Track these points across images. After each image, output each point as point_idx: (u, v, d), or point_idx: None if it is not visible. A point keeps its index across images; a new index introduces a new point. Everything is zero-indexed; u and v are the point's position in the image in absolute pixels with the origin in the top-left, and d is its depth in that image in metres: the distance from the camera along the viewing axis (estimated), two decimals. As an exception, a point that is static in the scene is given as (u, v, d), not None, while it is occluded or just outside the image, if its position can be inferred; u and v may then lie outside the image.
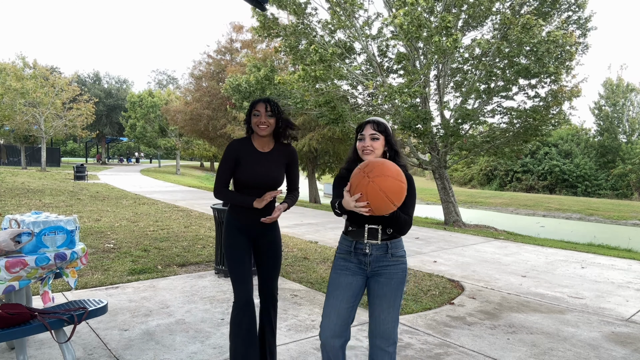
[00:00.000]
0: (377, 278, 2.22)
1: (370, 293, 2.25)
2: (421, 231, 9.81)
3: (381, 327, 2.19)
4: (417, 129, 10.98)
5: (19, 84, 26.43)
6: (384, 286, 2.20)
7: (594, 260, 7.22)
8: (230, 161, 2.71)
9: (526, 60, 10.19)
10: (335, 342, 2.18)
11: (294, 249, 7.03)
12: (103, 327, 3.58)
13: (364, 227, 2.19)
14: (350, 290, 2.21)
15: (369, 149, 2.18)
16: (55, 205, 11.33)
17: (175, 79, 58.93)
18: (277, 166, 2.72)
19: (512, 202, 25.51)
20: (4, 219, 2.92)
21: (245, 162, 2.68)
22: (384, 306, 2.20)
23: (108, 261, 5.67)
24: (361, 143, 2.20)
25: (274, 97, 12.16)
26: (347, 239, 2.27)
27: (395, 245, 2.25)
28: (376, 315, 2.21)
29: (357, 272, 2.23)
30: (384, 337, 2.19)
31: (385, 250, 2.21)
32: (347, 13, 10.55)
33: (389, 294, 2.20)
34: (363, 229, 2.20)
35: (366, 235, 2.19)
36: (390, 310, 2.20)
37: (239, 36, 25.01)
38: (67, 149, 76.00)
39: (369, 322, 2.26)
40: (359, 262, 2.23)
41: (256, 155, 2.71)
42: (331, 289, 2.24)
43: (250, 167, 2.67)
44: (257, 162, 2.69)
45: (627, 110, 36.61)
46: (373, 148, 2.18)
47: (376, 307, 2.21)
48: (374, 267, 2.22)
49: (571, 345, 3.60)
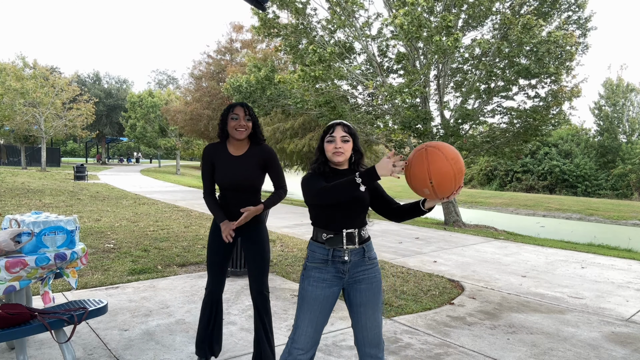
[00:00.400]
0: (357, 286, 2.17)
1: (351, 302, 2.19)
2: (421, 231, 9.81)
3: (369, 335, 2.16)
4: (417, 129, 10.98)
5: (19, 84, 26.42)
6: (366, 292, 2.16)
7: (594, 260, 7.22)
8: (207, 166, 2.81)
9: (526, 60, 10.19)
10: (307, 355, 2.13)
11: (294, 249, 7.02)
12: (103, 327, 3.58)
13: (341, 232, 2.12)
14: (328, 303, 2.14)
15: (340, 151, 2.14)
16: (55, 205, 11.33)
17: (175, 79, 58.97)
18: (252, 169, 2.75)
19: (512, 202, 25.51)
20: (4, 219, 2.92)
21: (219, 166, 2.77)
22: (368, 313, 2.16)
23: (108, 261, 5.67)
24: (332, 144, 2.14)
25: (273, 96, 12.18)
26: (321, 247, 2.15)
27: (369, 247, 2.22)
28: (362, 324, 2.16)
29: (333, 283, 2.14)
30: (373, 344, 2.17)
31: (362, 254, 2.17)
32: (347, 13, 10.55)
33: (372, 300, 2.17)
34: (341, 235, 2.12)
35: (345, 241, 2.12)
36: (375, 315, 2.17)
37: (239, 36, 25.04)
38: (67, 149, 75.98)
39: (355, 332, 2.20)
40: (336, 270, 2.14)
41: (229, 159, 2.77)
42: (307, 302, 2.13)
43: (224, 171, 2.75)
44: (231, 166, 2.75)
45: (627, 110, 36.58)
46: (344, 150, 2.15)
47: (361, 316, 2.16)
48: (352, 274, 2.16)
49: (571, 345, 3.60)
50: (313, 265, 2.16)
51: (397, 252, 7.20)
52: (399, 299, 4.57)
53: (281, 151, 18.65)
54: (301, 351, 2.11)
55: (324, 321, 2.16)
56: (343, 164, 2.22)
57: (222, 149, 2.79)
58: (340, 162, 2.18)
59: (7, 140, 35.30)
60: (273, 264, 5.97)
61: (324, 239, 2.14)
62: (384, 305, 4.37)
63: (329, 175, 2.19)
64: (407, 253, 7.20)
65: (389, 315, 4.12)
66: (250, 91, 12.25)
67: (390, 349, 3.37)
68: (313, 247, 2.19)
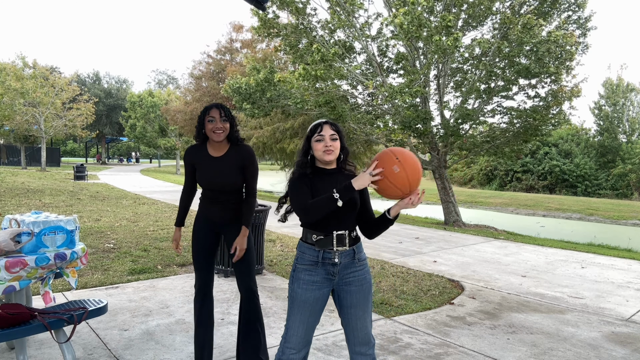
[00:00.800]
0: (348, 288, 2.16)
1: (342, 304, 2.19)
2: (421, 231, 9.81)
3: (360, 335, 2.17)
4: (417, 129, 10.98)
5: (18, 84, 26.42)
6: (357, 294, 2.16)
7: (594, 260, 7.22)
8: (188, 168, 2.86)
9: (526, 60, 10.19)
10: (300, 354, 2.14)
11: (294, 249, 7.03)
12: (103, 327, 3.58)
13: (332, 234, 2.10)
14: (318, 304, 2.14)
15: (330, 149, 2.12)
16: (55, 205, 11.33)
17: (175, 78, 58.87)
18: (232, 170, 2.75)
19: (512, 202, 25.51)
20: (4, 219, 2.92)
21: (200, 168, 2.80)
22: (359, 314, 2.16)
23: (108, 261, 5.67)
24: (321, 143, 2.11)
25: (273, 97, 12.16)
26: (311, 248, 2.13)
27: (359, 249, 2.21)
28: (353, 325, 2.17)
29: (324, 285, 2.13)
30: (364, 342, 2.18)
31: (352, 256, 2.16)
32: (347, 13, 10.55)
33: (362, 301, 2.17)
34: (331, 236, 2.10)
35: (335, 243, 2.11)
36: (365, 315, 2.18)
37: (239, 36, 24.99)
38: (67, 149, 75.98)
39: (347, 333, 2.20)
40: (326, 272, 2.12)
41: (209, 160, 2.78)
42: (297, 305, 2.12)
43: (205, 173, 2.77)
44: (211, 168, 2.76)
45: (627, 110, 36.58)
46: (333, 148, 2.13)
47: (352, 317, 2.17)
48: (342, 276, 2.15)
49: (571, 345, 3.60)
50: (303, 267, 2.14)
51: (397, 252, 7.20)
52: (399, 299, 4.57)
53: (281, 151, 18.64)
54: (293, 350, 2.12)
55: (315, 321, 2.17)
56: (332, 163, 2.20)
57: (202, 150, 2.80)
58: (331, 161, 2.15)
59: (7, 140, 35.31)
60: (273, 264, 5.98)
61: (313, 240, 2.12)
62: (384, 305, 4.37)
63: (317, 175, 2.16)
64: (407, 253, 7.20)
65: (389, 315, 4.12)
66: (250, 92, 12.24)
67: (390, 348, 3.37)
68: (303, 248, 2.17)
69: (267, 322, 3.81)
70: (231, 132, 2.74)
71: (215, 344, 3.30)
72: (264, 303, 4.32)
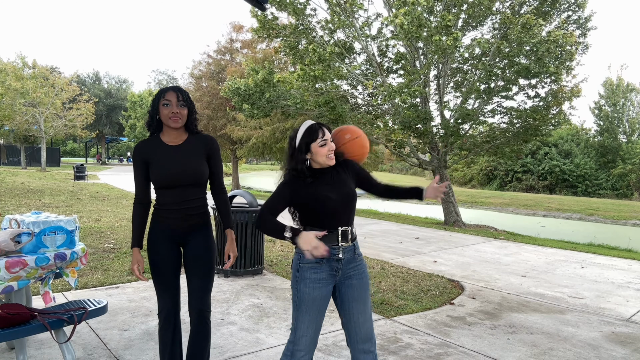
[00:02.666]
0: (349, 282, 2.18)
1: (343, 299, 2.19)
2: (421, 231, 9.81)
3: (362, 330, 2.17)
4: (417, 129, 10.98)
5: (19, 84, 26.42)
6: (358, 287, 2.18)
7: (594, 260, 7.22)
8: (138, 167, 2.35)
9: (526, 60, 10.19)
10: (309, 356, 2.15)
11: (294, 248, 7.02)
12: (103, 327, 3.58)
13: (337, 230, 2.13)
14: (325, 302, 2.15)
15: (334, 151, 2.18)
16: (55, 205, 11.33)
17: (175, 79, 58.80)
18: (196, 157, 2.34)
19: (512, 202, 25.49)
20: (4, 219, 2.92)
21: (156, 162, 2.31)
22: (360, 308, 2.18)
23: (108, 261, 5.67)
24: (326, 148, 2.12)
25: (273, 98, 12.15)
26: None
27: (357, 244, 2.26)
28: (355, 320, 2.17)
29: (329, 282, 2.15)
30: (366, 338, 2.18)
31: (353, 251, 2.20)
32: (347, 13, 10.55)
33: (363, 294, 2.19)
34: (336, 233, 2.13)
35: (340, 239, 2.14)
36: (366, 309, 2.20)
37: (239, 36, 25.01)
38: (67, 149, 75.95)
39: (349, 330, 2.20)
40: (331, 269, 2.14)
41: (167, 149, 2.32)
42: (305, 305, 2.11)
43: (163, 165, 2.30)
44: (170, 158, 2.31)
45: (627, 110, 36.57)
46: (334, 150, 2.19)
47: (354, 312, 2.17)
48: (345, 271, 2.17)
49: (571, 345, 3.59)
50: (307, 266, 2.13)
51: (397, 252, 7.20)
52: (399, 299, 4.57)
53: (281, 151, 18.72)
54: (303, 352, 2.13)
55: (322, 320, 2.18)
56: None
57: (156, 142, 2.35)
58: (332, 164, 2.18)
59: (7, 140, 35.32)
60: (273, 264, 5.97)
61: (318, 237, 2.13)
62: (384, 305, 4.37)
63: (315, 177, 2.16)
64: (407, 253, 7.20)
65: (389, 315, 4.12)
66: (249, 93, 12.23)
67: (390, 349, 3.37)
68: None
69: (268, 323, 3.81)
70: (190, 119, 2.34)
71: (215, 343, 3.30)
72: (264, 303, 4.32)
